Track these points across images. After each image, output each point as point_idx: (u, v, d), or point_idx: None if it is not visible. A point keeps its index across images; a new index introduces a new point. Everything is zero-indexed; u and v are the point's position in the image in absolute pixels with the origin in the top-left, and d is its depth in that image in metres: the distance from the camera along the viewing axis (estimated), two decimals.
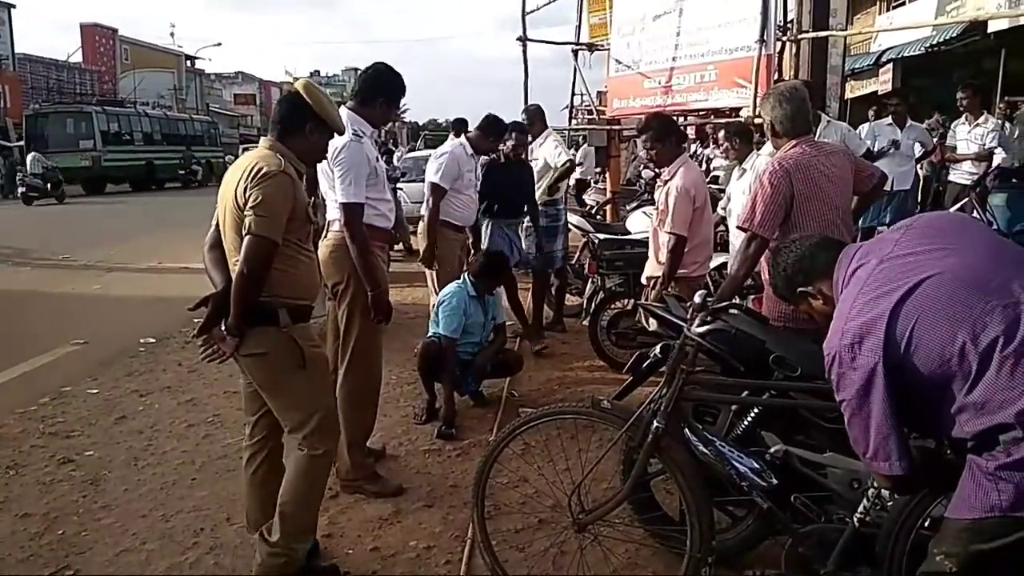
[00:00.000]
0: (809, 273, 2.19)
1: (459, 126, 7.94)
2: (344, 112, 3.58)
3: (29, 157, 23.74)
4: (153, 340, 6.78)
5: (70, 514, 3.61)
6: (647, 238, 6.20)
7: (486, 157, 6.05)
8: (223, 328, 2.71)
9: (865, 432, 1.86)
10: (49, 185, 22.84)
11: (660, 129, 4.40)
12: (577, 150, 13.03)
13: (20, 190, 22.17)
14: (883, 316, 1.79)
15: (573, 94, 10.50)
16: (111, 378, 5.70)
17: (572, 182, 8.03)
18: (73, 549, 3.30)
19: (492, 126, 5.71)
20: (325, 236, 3.78)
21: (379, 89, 3.73)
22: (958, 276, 1.78)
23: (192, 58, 53.65)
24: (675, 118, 6.36)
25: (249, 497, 3.05)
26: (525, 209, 6.27)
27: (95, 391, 5.40)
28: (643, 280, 4.59)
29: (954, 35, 13.24)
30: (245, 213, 2.64)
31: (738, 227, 3.29)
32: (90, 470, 4.08)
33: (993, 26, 11.61)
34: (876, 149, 7.38)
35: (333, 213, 3.70)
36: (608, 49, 9.19)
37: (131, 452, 4.32)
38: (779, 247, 2.28)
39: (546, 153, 6.41)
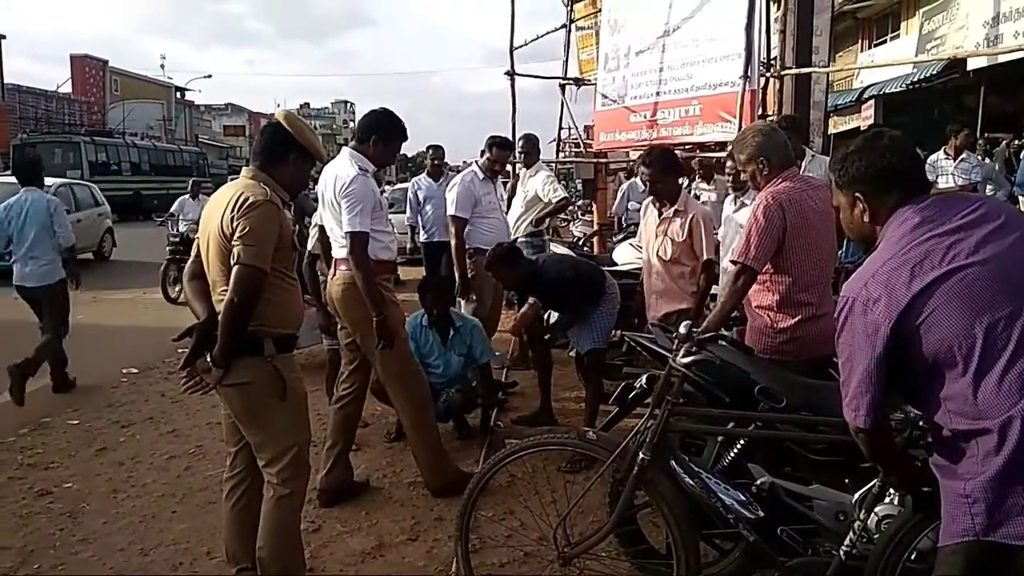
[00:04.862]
0: (876, 188, 2.00)
1: (437, 151, 7.82)
2: (346, 151, 3.89)
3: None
4: (136, 370, 6.71)
5: (47, 547, 3.54)
6: (633, 270, 6.22)
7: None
8: (208, 359, 2.69)
9: (849, 379, 1.88)
10: None
11: (663, 164, 4.31)
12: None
13: None
14: (909, 287, 1.77)
15: (560, 128, 10.61)
16: (92, 409, 5.62)
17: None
18: None
19: (491, 144, 5.87)
20: (334, 274, 3.90)
21: (372, 129, 3.87)
22: (997, 272, 1.76)
23: (182, 89, 53.86)
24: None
25: (228, 530, 3.01)
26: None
27: (75, 422, 5.32)
28: (653, 318, 4.29)
29: (934, 72, 13.48)
30: (233, 243, 2.63)
31: (732, 261, 3.29)
32: (68, 502, 4.01)
33: (972, 64, 11.84)
34: None
35: (340, 252, 3.81)
36: (595, 84, 9.30)
37: (111, 484, 4.25)
38: (876, 142, 2.05)
39: (537, 185, 6.41)
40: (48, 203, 6.05)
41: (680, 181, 4.51)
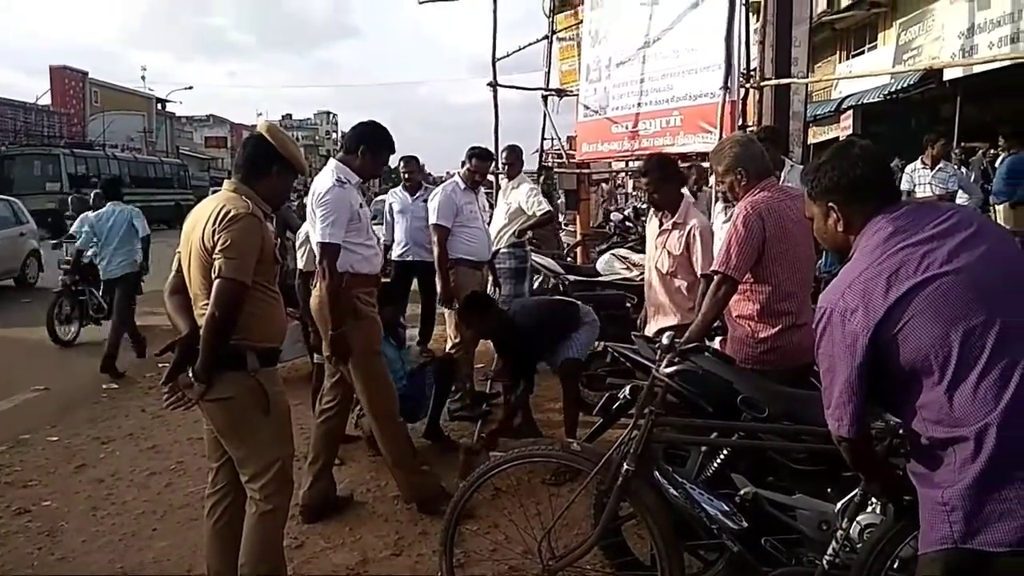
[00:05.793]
0: (850, 197, 2.00)
1: (410, 163, 7.74)
2: (332, 162, 3.87)
3: None
4: (116, 386, 6.65)
5: (24, 567, 3.49)
6: (617, 280, 6.23)
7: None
8: (190, 374, 2.67)
9: (830, 389, 1.89)
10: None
11: (661, 172, 4.16)
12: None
13: None
14: (886, 297, 1.78)
15: (543, 138, 10.63)
16: (71, 425, 5.56)
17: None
18: None
19: (471, 155, 5.83)
20: (315, 285, 3.87)
21: (360, 140, 3.84)
22: (970, 281, 1.77)
23: (163, 101, 53.53)
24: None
25: (209, 547, 2.97)
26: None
27: (55, 438, 5.25)
28: (651, 331, 4.15)
29: (911, 83, 13.66)
30: (214, 256, 2.62)
31: (713, 271, 3.29)
32: (47, 521, 3.95)
33: (948, 74, 12.00)
34: None
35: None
36: (577, 95, 9.35)
37: (90, 502, 4.20)
38: (847, 151, 2.06)
39: (520, 197, 6.39)
40: (130, 212, 7.75)
41: (682, 191, 4.25)
